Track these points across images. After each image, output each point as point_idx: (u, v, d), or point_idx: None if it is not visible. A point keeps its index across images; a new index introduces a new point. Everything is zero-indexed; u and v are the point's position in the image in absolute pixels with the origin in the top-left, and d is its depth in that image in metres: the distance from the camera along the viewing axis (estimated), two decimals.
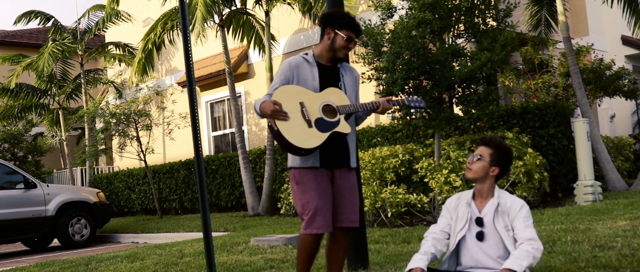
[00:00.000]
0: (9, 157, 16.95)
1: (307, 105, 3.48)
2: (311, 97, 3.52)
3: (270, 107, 3.38)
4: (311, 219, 3.48)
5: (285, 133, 3.38)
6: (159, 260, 6.59)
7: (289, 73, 3.59)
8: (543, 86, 10.70)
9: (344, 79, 3.69)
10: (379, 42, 8.10)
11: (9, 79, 16.22)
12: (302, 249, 3.59)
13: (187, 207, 14.06)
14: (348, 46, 3.62)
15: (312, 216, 3.48)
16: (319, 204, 3.48)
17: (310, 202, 3.49)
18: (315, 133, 3.43)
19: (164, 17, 12.65)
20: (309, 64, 3.64)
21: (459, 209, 3.43)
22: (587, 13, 14.16)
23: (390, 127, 9.99)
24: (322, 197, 3.50)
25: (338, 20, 3.62)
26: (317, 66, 3.64)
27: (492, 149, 3.37)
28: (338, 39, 3.60)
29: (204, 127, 15.24)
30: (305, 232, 3.51)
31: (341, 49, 3.61)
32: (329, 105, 3.54)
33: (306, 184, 3.52)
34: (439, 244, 3.42)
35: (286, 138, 3.37)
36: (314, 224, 3.48)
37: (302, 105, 3.47)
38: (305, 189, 3.52)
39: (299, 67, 3.61)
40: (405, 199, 7.74)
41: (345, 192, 3.62)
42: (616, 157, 10.48)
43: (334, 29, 3.61)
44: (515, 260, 3.10)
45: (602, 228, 5.56)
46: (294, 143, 3.37)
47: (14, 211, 10.33)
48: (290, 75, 3.58)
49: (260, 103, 3.46)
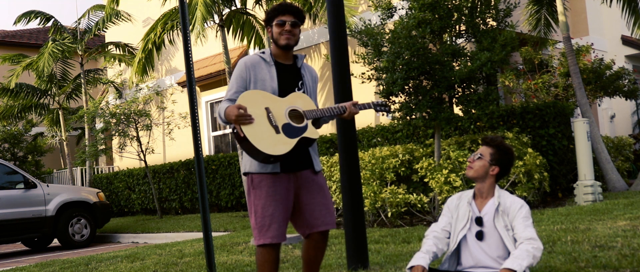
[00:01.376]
0: (9, 157, 16.95)
1: (273, 111, 3.32)
2: (276, 102, 3.35)
3: (235, 112, 3.18)
4: (264, 228, 3.31)
5: (253, 140, 3.22)
6: (159, 260, 6.59)
7: (245, 74, 3.40)
8: (543, 86, 10.70)
9: (305, 79, 3.52)
10: (379, 42, 8.10)
11: (9, 79, 16.22)
12: (260, 266, 3.36)
13: (187, 207, 14.06)
14: (283, 30, 3.41)
15: (265, 224, 3.31)
16: (274, 211, 3.32)
17: (265, 208, 3.32)
18: (284, 139, 3.28)
19: (164, 17, 12.65)
20: (266, 63, 3.45)
21: (459, 209, 3.44)
22: (587, 13, 14.16)
23: (390, 127, 9.99)
24: (279, 204, 3.33)
25: (268, 15, 3.49)
26: (275, 65, 3.45)
27: (493, 148, 3.38)
28: (273, 30, 3.44)
29: (204, 127, 15.24)
30: (259, 242, 3.33)
31: (279, 36, 3.42)
32: (296, 110, 3.39)
33: (263, 190, 3.34)
34: (440, 243, 3.43)
35: (254, 145, 3.21)
36: (267, 233, 3.30)
37: (268, 110, 3.31)
38: (261, 195, 3.34)
39: (255, 67, 3.42)
40: (405, 199, 7.74)
41: (316, 195, 3.44)
42: (616, 157, 10.48)
43: (268, 25, 3.49)
44: (515, 260, 3.10)
45: (602, 228, 5.56)
46: (262, 150, 3.21)
47: (14, 211, 10.33)
48: (247, 76, 3.40)
49: (224, 109, 3.27)
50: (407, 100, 7.89)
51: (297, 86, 3.47)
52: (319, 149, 10.98)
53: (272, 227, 3.31)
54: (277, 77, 3.42)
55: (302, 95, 3.45)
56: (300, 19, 3.49)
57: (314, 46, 13.10)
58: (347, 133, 4.88)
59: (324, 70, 12.81)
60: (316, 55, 13.08)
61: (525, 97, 10.85)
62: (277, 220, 3.32)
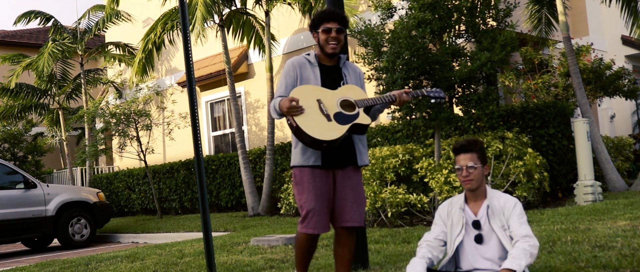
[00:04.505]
0: (9, 157, 16.95)
1: (324, 102, 3.51)
2: (328, 94, 3.55)
3: (287, 104, 3.40)
4: (306, 219, 3.55)
5: (305, 127, 3.40)
6: (159, 260, 6.59)
7: (293, 72, 3.62)
8: (543, 86, 10.70)
9: (347, 78, 3.70)
10: (379, 42, 8.10)
11: (9, 79, 16.22)
12: (298, 247, 3.68)
13: (187, 207, 14.06)
14: (329, 36, 3.60)
15: (307, 216, 3.54)
16: (315, 205, 3.52)
17: (306, 203, 3.53)
18: (335, 126, 3.45)
19: (164, 17, 12.65)
20: (310, 65, 3.66)
21: (453, 215, 3.43)
22: (587, 13, 14.16)
23: (390, 127, 9.99)
24: (318, 198, 3.53)
25: (314, 21, 3.67)
26: (318, 66, 3.66)
27: (476, 152, 3.35)
28: (320, 37, 3.63)
29: (204, 127, 15.24)
30: (301, 231, 3.59)
31: (325, 43, 3.62)
32: (347, 100, 3.56)
33: (304, 184, 3.55)
34: (434, 251, 3.42)
35: (306, 132, 3.39)
36: (309, 225, 3.54)
37: (320, 102, 3.50)
38: (303, 189, 3.55)
39: (301, 67, 3.64)
40: (405, 199, 7.74)
41: (348, 191, 3.63)
42: (616, 157, 10.48)
43: (314, 30, 3.68)
44: (514, 260, 3.10)
45: (602, 228, 5.56)
46: (314, 136, 3.39)
47: (14, 211, 10.33)
48: (294, 74, 3.62)
49: (278, 102, 3.48)
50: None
51: (339, 85, 3.65)
52: None
53: (314, 220, 3.53)
54: (320, 77, 3.62)
55: (354, 87, 3.64)
56: (344, 25, 3.66)
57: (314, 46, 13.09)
58: None
59: None
60: None
61: (525, 97, 10.85)
62: (318, 213, 3.53)
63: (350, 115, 3.51)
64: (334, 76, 3.67)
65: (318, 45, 3.67)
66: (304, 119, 3.43)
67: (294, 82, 3.60)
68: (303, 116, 3.43)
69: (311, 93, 3.52)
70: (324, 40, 3.62)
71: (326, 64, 3.69)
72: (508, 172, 7.71)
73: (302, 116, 3.42)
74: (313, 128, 3.41)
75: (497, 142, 7.80)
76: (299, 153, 3.58)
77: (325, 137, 3.40)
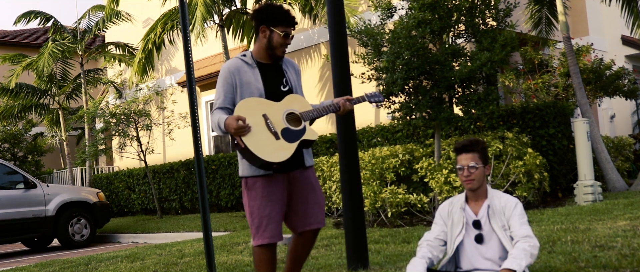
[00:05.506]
0: (9, 157, 16.94)
1: (270, 117, 3.35)
2: (273, 108, 3.38)
3: (234, 124, 3.19)
4: (261, 228, 3.36)
5: (254, 149, 3.24)
6: (159, 260, 6.59)
7: (230, 78, 3.40)
8: (543, 86, 10.70)
9: (288, 75, 3.54)
10: (379, 42, 8.10)
11: (9, 79, 16.22)
12: (258, 265, 3.44)
13: (187, 207, 14.06)
14: (286, 42, 3.43)
15: (261, 225, 3.36)
16: (270, 212, 3.37)
17: (260, 210, 3.36)
18: (284, 144, 3.32)
19: (164, 17, 12.65)
20: (249, 66, 3.45)
21: (453, 215, 3.43)
22: (587, 13, 14.16)
23: (390, 127, 9.99)
24: (274, 204, 3.38)
25: (272, 17, 3.41)
26: (257, 67, 3.46)
27: (478, 152, 3.35)
28: (275, 37, 3.42)
29: (204, 127, 15.24)
30: (257, 243, 3.38)
31: (279, 46, 3.43)
32: (292, 113, 3.42)
33: (257, 191, 3.38)
34: (434, 250, 3.42)
35: (256, 154, 3.24)
36: (264, 234, 3.36)
37: (266, 117, 3.34)
38: (256, 196, 3.38)
39: (239, 71, 3.42)
40: (405, 199, 7.74)
41: (308, 194, 3.50)
42: (616, 157, 10.48)
43: (269, 26, 3.42)
44: (514, 260, 3.10)
45: (602, 228, 5.55)
46: (264, 158, 3.24)
47: (14, 211, 10.33)
48: (232, 81, 3.40)
49: (223, 121, 3.27)
50: (407, 100, 7.89)
51: (282, 83, 3.50)
52: (319, 149, 10.98)
53: (269, 228, 3.37)
54: (261, 78, 3.44)
55: (297, 96, 3.49)
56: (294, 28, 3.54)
57: (314, 46, 13.10)
58: (347, 133, 4.88)
59: (324, 70, 12.80)
60: (316, 55, 13.08)
61: (525, 97, 10.85)
62: (273, 220, 3.38)
63: (297, 130, 3.38)
64: (275, 74, 3.49)
65: (267, 42, 3.44)
66: (252, 139, 3.25)
67: (233, 89, 3.39)
68: (251, 135, 3.25)
69: (256, 108, 3.34)
70: (278, 43, 3.41)
71: (265, 62, 3.49)
72: (508, 172, 7.71)
73: (250, 135, 3.25)
74: (263, 149, 3.25)
75: (497, 142, 7.80)
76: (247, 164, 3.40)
77: (275, 159, 3.26)
